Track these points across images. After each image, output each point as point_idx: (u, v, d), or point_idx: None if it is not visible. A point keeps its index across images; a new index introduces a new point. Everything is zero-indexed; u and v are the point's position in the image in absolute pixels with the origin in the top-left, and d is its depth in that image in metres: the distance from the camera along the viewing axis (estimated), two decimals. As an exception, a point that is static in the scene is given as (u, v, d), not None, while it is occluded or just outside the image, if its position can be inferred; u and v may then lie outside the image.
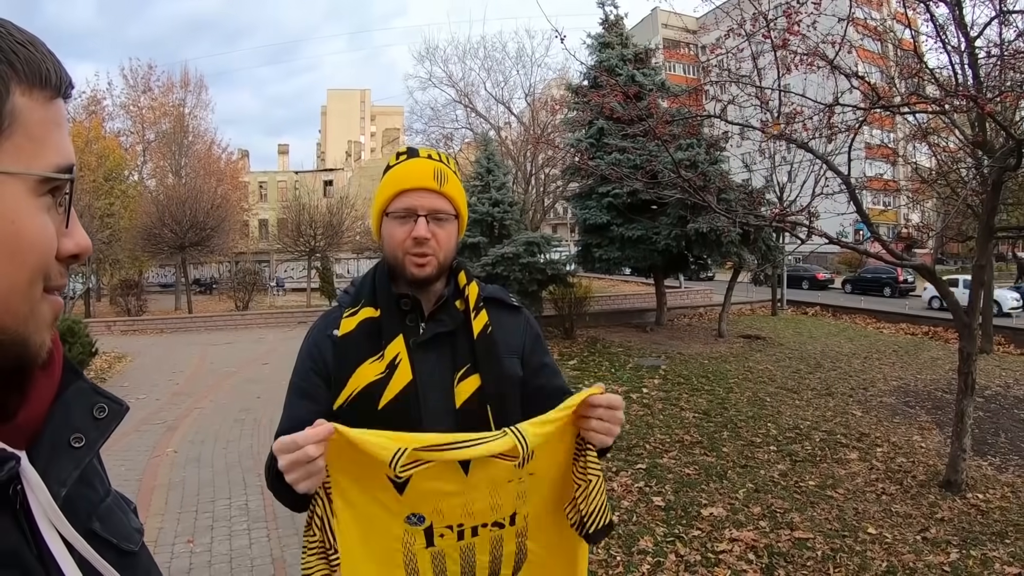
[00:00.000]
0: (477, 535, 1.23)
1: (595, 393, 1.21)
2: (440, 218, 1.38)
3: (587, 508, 1.22)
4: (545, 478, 1.25)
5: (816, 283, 30.32)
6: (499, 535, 1.25)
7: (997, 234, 6.53)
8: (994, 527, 4.84)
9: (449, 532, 1.21)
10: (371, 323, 1.38)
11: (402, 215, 1.37)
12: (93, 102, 30.04)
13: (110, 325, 19.27)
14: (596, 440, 1.22)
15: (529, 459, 1.19)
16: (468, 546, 1.23)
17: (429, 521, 1.19)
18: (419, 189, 1.36)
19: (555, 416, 1.20)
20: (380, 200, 1.41)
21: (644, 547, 4.31)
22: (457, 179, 1.43)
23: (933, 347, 13.98)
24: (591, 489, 1.22)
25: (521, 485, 1.22)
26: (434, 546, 1.21)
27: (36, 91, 0.59)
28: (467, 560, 1.24)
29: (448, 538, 1.21)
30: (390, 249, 1.39)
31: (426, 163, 1.39)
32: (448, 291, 1.44)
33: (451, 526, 1.20)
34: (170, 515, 4.96)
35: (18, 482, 0.60)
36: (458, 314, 1.42)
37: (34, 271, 0.58)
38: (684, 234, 12.88)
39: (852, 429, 7.50)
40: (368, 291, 1.43)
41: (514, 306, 1.55)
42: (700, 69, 39.21)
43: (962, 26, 5.02)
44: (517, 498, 1.23)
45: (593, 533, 1.23)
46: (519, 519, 1.25)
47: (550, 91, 27.31)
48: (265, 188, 48.18)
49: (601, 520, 1.23)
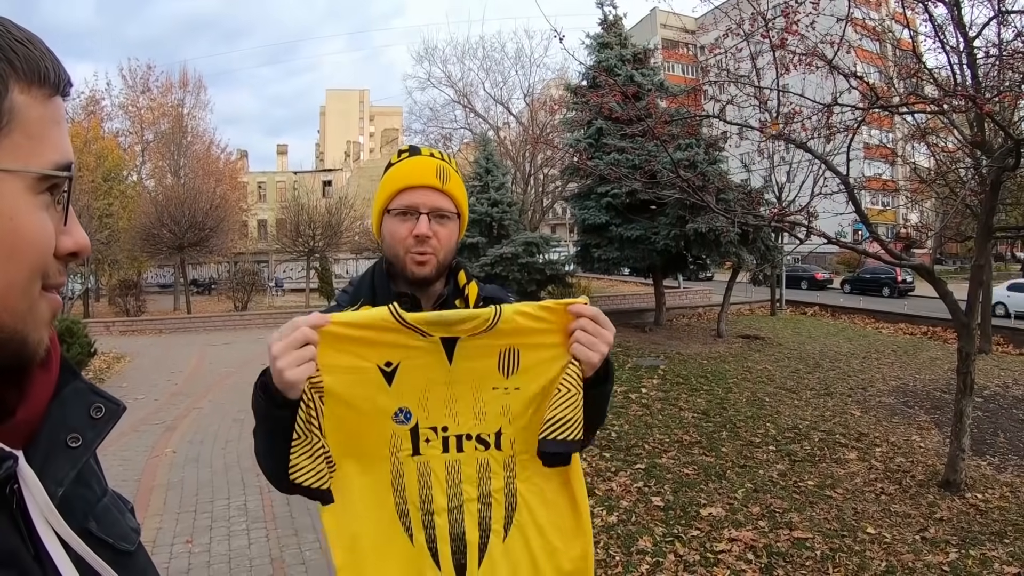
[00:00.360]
0: (462, 451, 1.22)
1: (577, 302, 1.20)
2: (442, 216, 1.37)
3: (550, 414, 1.17)
4: (532, 399, 1.22)
5: (815, 283, 30.36)
6: (485, 458, 1.23)
7: (996, 234, 6.54)
8: (993, 527, 4.85)
9: (434, 437, 1.20)
10: None
11: (403, 212, 1.36)
12: (92, 102, 30.02)
13: (109, 325, 19.27)
14: (580, 353, 1.18)
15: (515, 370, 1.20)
16: (454, 464, 1.22)
17: (415, 419, 1.19)
18: (421, 187, 1.35)
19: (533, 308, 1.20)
20: (381, 197, 1.40)
21: (643, 547, 4.31)
22: (459, 178, 1.43)
23: (932, 347, 13.98)
24: (561, 397, 1.17)
25: (506, 396, 1.21)
26: (420, 455, 1.20)
27: (35, 89, 0.59)
28: (454, 487, 1.22)
29: (433, 445, 1.21)
30: (391, 246, 1.38)
31: (428, 161, 1.39)
32: (448, 290, 1.44)
33: (435, 428, 1.20)
34: (169, 515, 4.95)
35: (15, 481, 0.59)
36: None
37: (32, 268, 0.58)
38: (683, 234, 12.88)
39: (851, 429, 7.50)
40: (367, 290, 1.43)
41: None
42: (699, 69, 39.27)
43: (961, 26, 5.03)
44: (502, 413, 1.22)
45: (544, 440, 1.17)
46: (505, 443, 1.23)
47: (549, 91, 27.33)
48: (264, 188, 48.16)
49: (562, 431, 1.15)
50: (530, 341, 1.20)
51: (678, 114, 8.86)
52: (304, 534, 4.52)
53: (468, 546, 1.22)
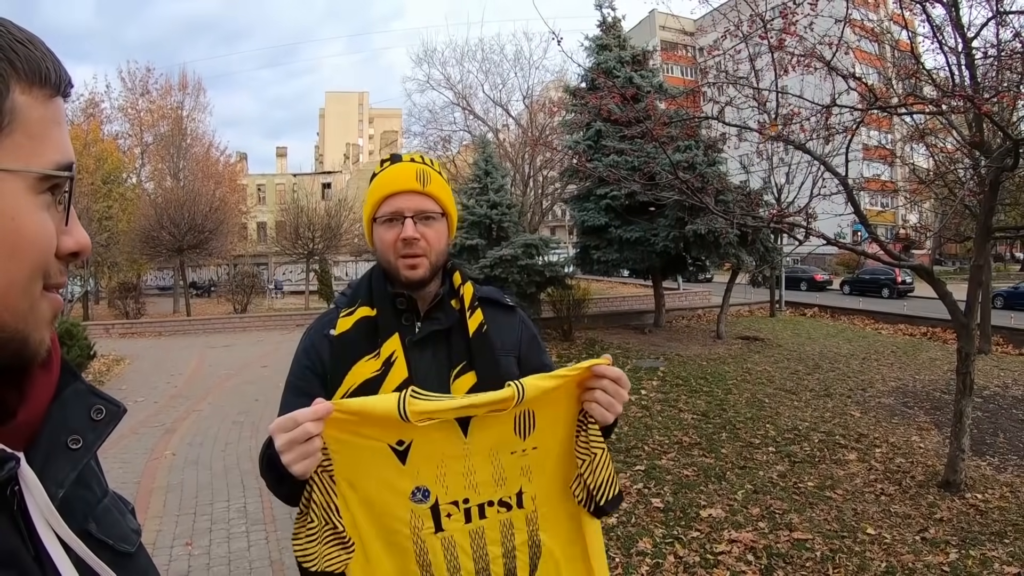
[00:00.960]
0: (485, 517, 1.23)
1: (601, 363, 1.22)
2: (427, 218, 1.40)
3: (594, 481, 1.22)
4: (549, 454, 1.24)
5: (814, 284, 30.39)
6: (508, 519, 1.24)
7: (995, 234, 6.54)
8: (993, 527, 4.84)
9: (455, 511, 1.21)
10: (367, 322, 1.40)
11: (390, 219, 1.40)
12: (91, 105, 30.05)
13: (108, 328, 19.28)
14: (597, 413, 1.22)
15: (531, 431, 1.21)
16: (477, 531, 1.23)
17: (434, 496, 1.19)
18: (403, 192, 1.39)
19: (558, 374, 1.21)
20: (368, 208, 1.44)
21: (643, 548, 4.30)
22: (442, 179, 1.46)
23: (931, 348, 13.98)
24: (596, 462, 1.22)
25: (524, 458, 1.23)
26: (443, 531, 1.21)
27: (35, 89, 0.59)
28: (479, 551, 1.23)
29: (456, 519, 1.21)
30: (382, 254, 1.42)
31: (409, 166, 1.42)
32: (443, 290, 1.46)
33: (456, 502, 1.21)
34: (168, 517, 4.95)
35: (16, 483, 0.60)
36: (453, 312, 1.44)
37: (34, 268, 0.59)
38: (682, 236, 12.89)
39: (851, 430, 7.50)
40: (364, 291, 1.45)
41: (509, 306, 1.57)
42: (698, 71, 39.31)
43: (959, 27, 5.03)
44: (521, 474, 1.23)
45: (604, 505, 1.24)
46: (527, 500, 1.25)
47: (548, 93, 27.32)
48: (263, 191, 48.15)
49: (609, 492, 1.23)
50: (544, 400, 1.21)
51: (677, 116, 8.86)
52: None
53: None
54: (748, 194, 10.59)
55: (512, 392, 1.16)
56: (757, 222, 7.74)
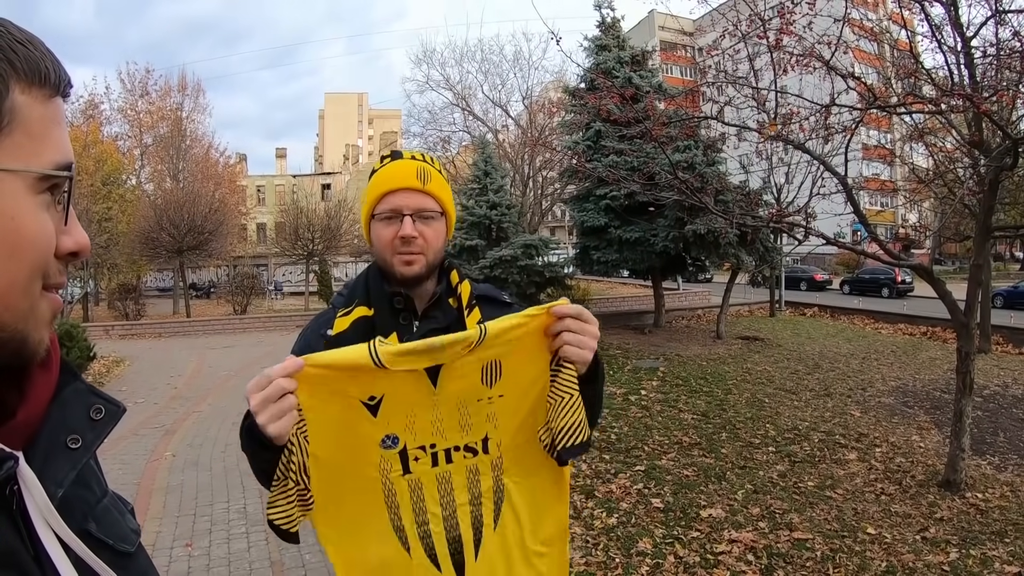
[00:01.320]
0: (451, 462, 1.24)
1: (558, 304, 1.22)
2: (426, 216, 1.39)
3: (558, 424, 1.20)
4: (515, 402, 1.25)
5: (814, 284, 30.39)
6: (474, 464, 1.26)
7: (994, 233, 6.55)
8: (993, 526, 4.84)
9: (423, 454, 1.22)
10: (365, 322, 1.39)
11: (388, 216, 1.39)
12: (91, 106, 30.06)
13: (108, 329, 19.28)
14: (572, 354, 1.21)
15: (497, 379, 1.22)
16: (444, 475, 1.25)
17: (403, 442, 1.21)
18: (403, 189, 1.38)
19: (518, 319, 1.21)
20: (367, 204, 1.43)
21: (643, 549, 4.30)
22: (442, 178, 1.45)
23: (931, 347, 13.98)
24: (564, 404, 1.20)
25: (490, 406, 1.24)
26: (410, 472, 1.23)
27: (35, 89, 0.59)
28: (446, 497, 1.25)
29: (423, 462, 1.23)
30: (379, 251, 1.41)
31: (409, 164, 1.41)
32: (440, 289, 1.45)
33: (424, 447, 1.22)
34: (168, 519, 4.95)
35: (15, 482, 0.59)
36: (451, 311, 1.43)
37: (33, 268, 0.59)
38: (682, 236, 12.88)
39: (851, 429, 7.50)
40: (361, 291, 1.44)
41: (506, 303, 1.56)
42: (697, 71, 39.33)
43: (958, 26, 5.04)
44: (487, 420, 1.25)
45: (563, 450, 1.21)
46: (492, 446, 1.26)
47: (547, 94, 27.32)
48: (263, 192, 48.17)
49: (574, 437, 1.20)
50: (510, 348, 1.22)
51: (676, 116, 8.87)
52: (303, 537, 4.51)
53: (464, 545, 1.26)
54: (747, 194, 10.60)
55: (475, 331, 1.17)
56: (757, 222, 7.74)
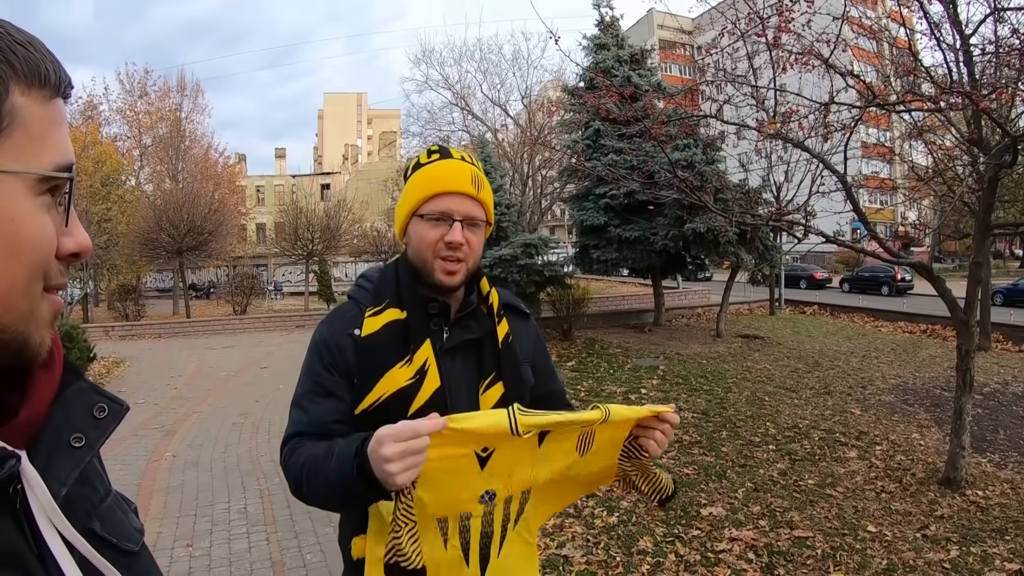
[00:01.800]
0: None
1: (669, 411, 1.29)
2: (475, 224, 1.35)
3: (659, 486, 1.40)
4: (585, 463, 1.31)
5: (814, 282, 30.37)
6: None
7: (994, 231, 6.54)
8: (994, 524, 4.85)
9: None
10: (398, 325, 1.35)
11: (437, 218, 1.33)
12: (90, 107, 30.04)
13: (108, 330, 19.26)
14: (652, 449, 1.31)
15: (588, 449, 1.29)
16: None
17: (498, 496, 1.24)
18: (456, 193, 1.33)
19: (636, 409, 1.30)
20: (412, 200, 1.36)
21: (644, 547, 4.31)
22: (489, 185, 1.41)
23: (931, 345, 13.99)
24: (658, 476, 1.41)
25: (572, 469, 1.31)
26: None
27: (35, 90, 0.59)
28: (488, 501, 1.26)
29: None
30: (419, 251, 1.35)
31: (463, 166, 1.36)
32: (474, 298, 1.42)
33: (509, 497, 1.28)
34: (169, 519, 4.95)
35: (18, 481, 0.60)
36: (486, 321, 1.41)
37: (34, 269, 0.59)
38: (681, 234, 12.88)
39: (851, 427, 7.50)
40: (392, 290, 1.39)
41: (525, 312, 1.56)
42: (696, 70, 39.28)
43: (956, 23, 5.04)
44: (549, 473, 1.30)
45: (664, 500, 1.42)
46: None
47: (546, 93, 27.33)
48: (262, 192, 48.16)
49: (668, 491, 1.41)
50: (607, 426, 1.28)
51: (675, 114, 8.86)
52: (304, 537, 4.52)
53: (492, 540, 1.27)
54: (747, 192, 10.60)
55: (601, 414, 1.23)
56: (756, 220, 7.74)
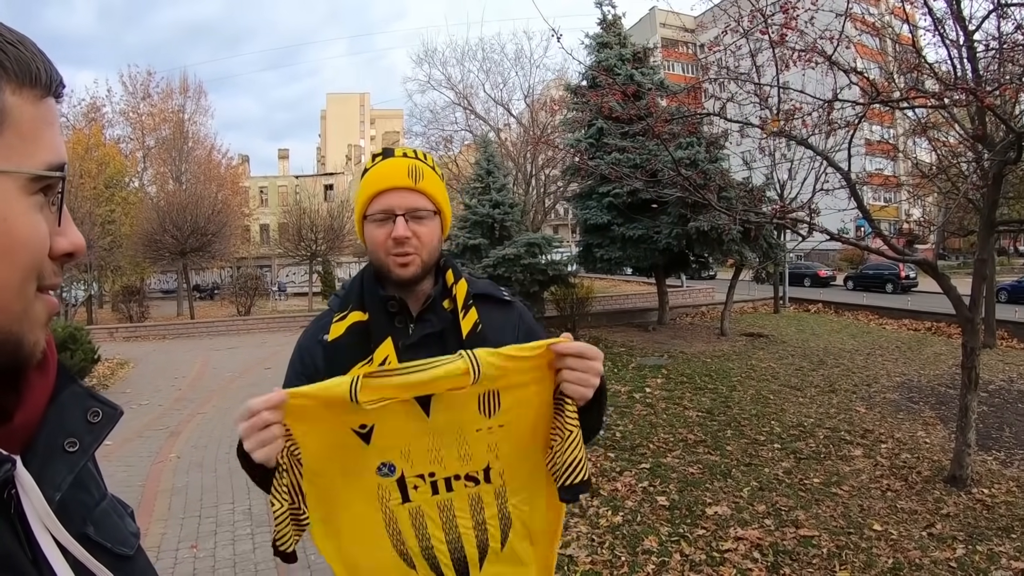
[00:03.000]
0: (452, 490, 1.23)
1: (559, 342, 1.20)
2: (419, 216, 1.36)
3: (560, 461, 1.18)
4: (517, 431, 1.23)
5: (818, 280, 30.36)
6: (476, 493, 1.24)
7: (998, 228, 6.51)
8: (1000, 522, 4.82)
9: (422, 483, 1.21)
10: (360, 327, 1.37)
11: (381, 218, 1.36)
12: (93, 109, 30.16)
13: (112, 332, 19.30)
14: (571, 392, 1.19)
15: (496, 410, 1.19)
16: (446, 503, 1.23)
17: (400, 470, 1.19)
18: (395, 189, 1.35)
19: (515, 352, 1.18)
20: (358, 205, 1.41)
21: (649, 547, 4.29)
22: (435, 175, 1.41)
23: (936, 342, 13.95)
24: (565, 443, 1.18)
25: (491, 435, 1.22)
26: (410, 501, 1.21)
27: (26, 90, 0.59)
28: (449, 523, 1.23)
29: (423, 491, 1.21)
30: (373, 252, 1.39)
31: (400, 162, 1.38)
32: (435, 291, 1.42)
33: (422, 475, 1.21)
34: (173, 520, 4.96)
35: (12, 486, 0.59)
36: (446, 314, 1.40)
37: (27, 270, 0.58)
38: (685, 233, 12.87)
39: (856, 426, 7.48)
40: (356, 295, 1.42)
41: (506, 300, 1.53)
42: (699, 68, 39.23)
43: (960, 19, 5.01)
44: (488, 450, 1.23)
45: (563, 488, 1.19)
46: (494, 476, 1.25)
47: (549, 92, 27.30)
48: (266, 193, 48.24)
49: (574, 475, 1.18)
50: (508, 383, 1.19)
51: (679, 112, 8.84)
52: (308, 538, 4.51)
53: (470, 562, 1.26)
54: (751, 190, 10.59)
55: (466, 366, 1.13)
56: (760, 218, 7.73)
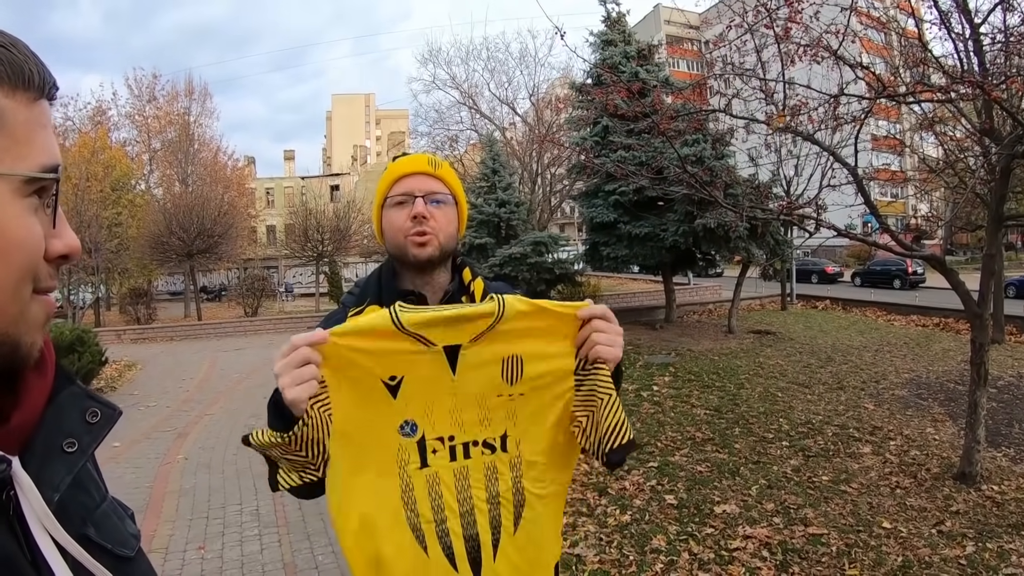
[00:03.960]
0: (469, 456, 1.23)
1: (583, 306, 1.21)
2: (437, 199, 1.41)
3: (604, 424, 1.20)
4: (536, 402, 1.24)
5: (825, 277, 30.28)
6: (492, 462, 1.24)
7: (1006, 223, 6.47)
8: (1010, 519, 4.79)
9: (440, 447, 1.21)
10: None
11: (400, 200, 1.41)
12: (98, 112, 30.35)
13: (120, 334, 19.38)
14: (604, 353, 1.20)
15: (519, 377, 1.21)
16: (462, 471, 1.23)
17: (421, 430, 1.20)
18: (414, 173, 1.41)
19: (542, 304, 1.21)
20: (379, 193, 1.46)
21: (657, 546, 4.28)
22: (452, 170, 1.49)
23: (944, 338, 13.88)
24: (605, 407, 1.20)
25: (511, 403, 1.23)
26: (428, 467, 1.21)
27: (19, 92, 0.59)
28: (463, 492, 1.23)
29: (440, 455, 1.22)
30: (392, 236, 1.42)
31: (420, 155, 1.46)
32: (453, 286, 1.45)
33: (442, 438, 1.21)
34: (181, 521, 4.97)
35: (11, 487, 0.59)
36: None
37: (22, 272, 0.58)
38: (692, 230, 12.84)
39: (864, 423, 7.45)
40: (373, 289, 1.45)
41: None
42: (704, 64, 39.15)
43: (966, 12, 4.98)
44: (507, 416, 1.24)
45: (611, 452, 1.20)
46: (511, 444, 1.25)
47: (554, 90, 27.32)
48: (272, 194, 48.39)
49: (620, 436, 1.20)
50: (532, 350, 1.21)
51: (684, 109, 8.81)
52: (316, 539, 4.53)
53: (482, 545, 1.24)
54: (757, 187, 10.54)
55: (493, 307, 1.17)
56: (767, 215, 7.70)
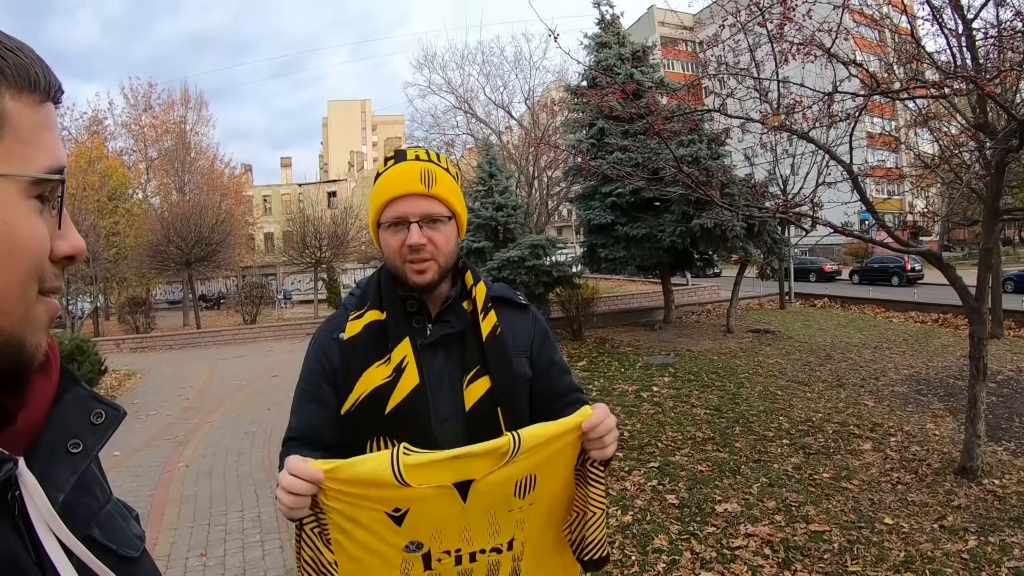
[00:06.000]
0: (475, 561, 1.22)
1: (586, 416, 1.21)
2: (434, 221, 1.35)
3: (589, 537, 1.24)
4: (546, 507, 1.25)
5: (823, 275, 30.32)
6: (496, 560, 1.24)
7: (1003, 217, 6.49)
8: (1012, 512, 4.79)
9: (447, 557, 1.19)
10: (377, 325, 1.37)
11: (395, 224, 1.35)
12: (95, 122, 30.32)
13: (119, 343, 19.38)
14: (598, 456, 1.23)
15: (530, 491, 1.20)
16: (466, 571, 1.22)
17: (427, 547, 1.18)
18: (407, 195, 1.33)
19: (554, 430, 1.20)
20: (372, 212, 1.39)
21: (659, 545, 4.28)
22: (449, 177, 1.39)
23: (943, 334, 13.90)
24: (591, 521, 1.23)
25: (521, 513, 1.22)
26: (431, 570, 1.20)
27: (25, 95, 0.59)
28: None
29: (446, 563, 1.20)
30: (389, 257, 1.38)
31: (412, 166, 1.35)
32: (455, 292, 1.42)
33: (448, 551, 1.19)
34: (183, 529, 4.97)
35: (16, 488, 0.60)
36: (465, 315, 1.41)
37: (28, 272, 0.59)
38: (689, 230, 12.86)
39: (865, 419, 7.45)
40: (373, 293, 1.42)
41: (522, 304, 1.54)
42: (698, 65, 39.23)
43: (958, 8, 5.00)
44: (516, 525, 1.23)
45: (587, 561, 1.26)
46: (516, 545, 1.25)
47: (549, 93, 27.32)
48: (269, 201, 48.39)
49: (599, 551, 1.25)
50: (546, 470, 1.21)
51: (679, 110, 8.82)
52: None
53: None
54: (753, 186, 10.55)
55: (508, 441, 1.15)
56: (763, 213, 7.71)
